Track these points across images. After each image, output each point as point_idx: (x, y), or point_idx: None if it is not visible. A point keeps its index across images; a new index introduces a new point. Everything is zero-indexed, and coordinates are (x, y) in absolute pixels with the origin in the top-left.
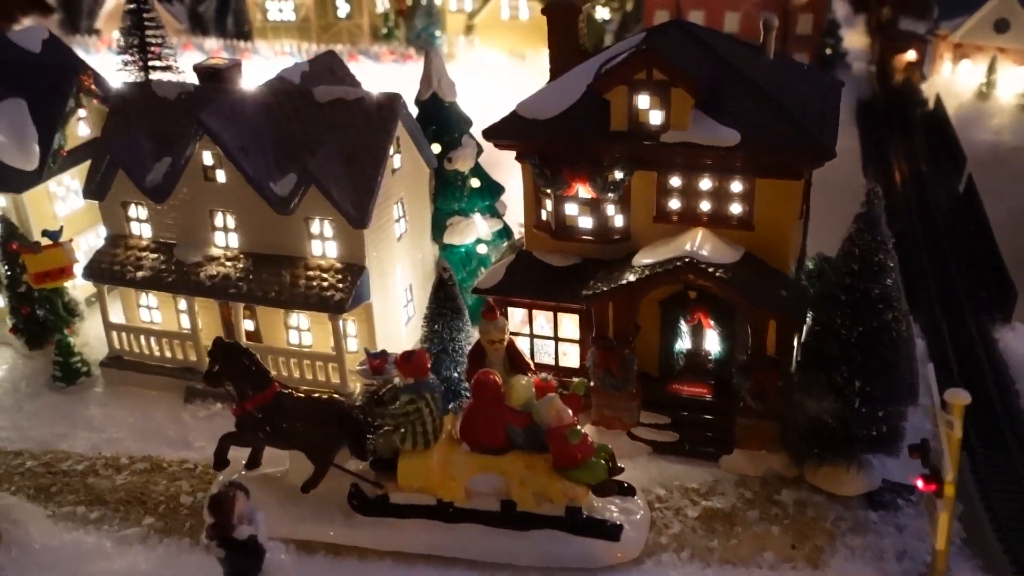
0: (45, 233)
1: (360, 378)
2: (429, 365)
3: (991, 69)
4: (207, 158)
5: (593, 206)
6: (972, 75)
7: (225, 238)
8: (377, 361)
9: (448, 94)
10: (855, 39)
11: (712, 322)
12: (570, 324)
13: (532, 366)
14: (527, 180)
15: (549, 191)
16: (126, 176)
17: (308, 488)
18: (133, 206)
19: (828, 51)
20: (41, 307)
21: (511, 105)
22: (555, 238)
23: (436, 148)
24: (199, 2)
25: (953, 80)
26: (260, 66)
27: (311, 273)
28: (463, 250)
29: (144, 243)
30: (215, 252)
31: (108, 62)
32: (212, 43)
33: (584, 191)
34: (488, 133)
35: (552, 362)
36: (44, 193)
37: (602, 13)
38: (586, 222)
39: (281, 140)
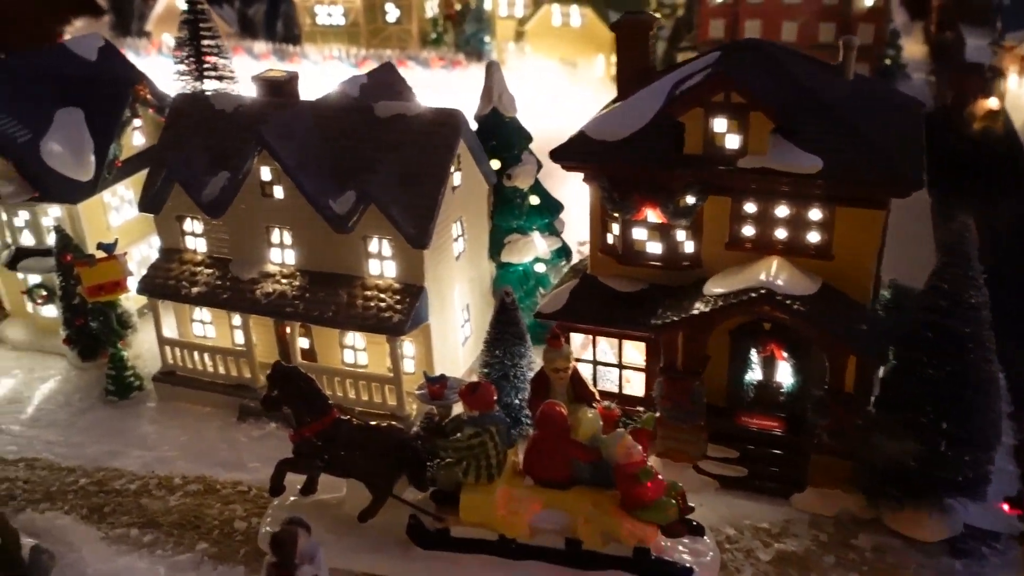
0: (100, 246)
1: (419, 403)
2: (495, 398)
3: None
4: (265, 173)
5: (663, 231)
6: None
7: (281, 255)
8: (436, 386)
9: (509, 109)
10: (913, 48)
11: (785, 354)
12: (634, 351)
13: (597, 395)
14: (594, 202)
15: (617, 215)
16: (182, 190)
17: (365, 518)
18: (188, 220)
19: (888, 61)
20: (95, 319)
21: (562, 114)
22: (621, 263)
23: (495, 164)
24: (249, 5)
25: (1019, 93)
26: (309, 70)
27: (368, 293)
28: (521, 269)
29: (199, 258)
30: (271, 269)
31: (158, 65)
32: (261, 47)
33: (654, 216)
34: (556, 155)
35: (615, 390)
36: (99, 204)
37: None
38: (655, 247)
39: (340, 156)
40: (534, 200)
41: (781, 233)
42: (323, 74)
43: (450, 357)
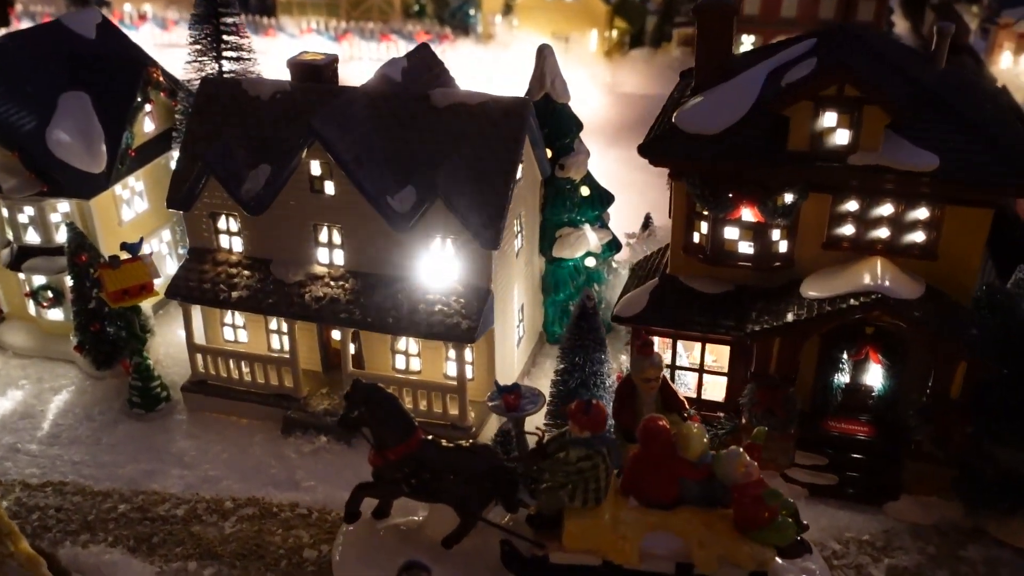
0: (124, 246)
1: (494, 415)
2: (609, 418)
3: None
4: (315, 168)
5: (757, 230)
6: None
7: (329, 255)
8: (512, 396)
9: (562, 95)
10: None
11: (881, 357)
12: (715, 354)
13: (686, 404)
14: (679, 199)
15: (709, 213)
16: (219, 185)
17: (451, 544)
18: (223, 217)
19: None
20: (112, 324)
21: None
22: (708, 263)
23: (547, 153)
24: None
25: (1014, 71)
26: (286, 44)
27: (431, 297)
28: (571, 264)
29: (235, 258)
30: (318, 270)
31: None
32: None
33: (750, 215)
34: (644, 149)
35: (692, 395)
36: (110, 197)
37: None
38: (746, 247)
39: (396, 148)
40: (584, 191)
41: (883, 232)
42: (302, 48)
43: (507, 361)
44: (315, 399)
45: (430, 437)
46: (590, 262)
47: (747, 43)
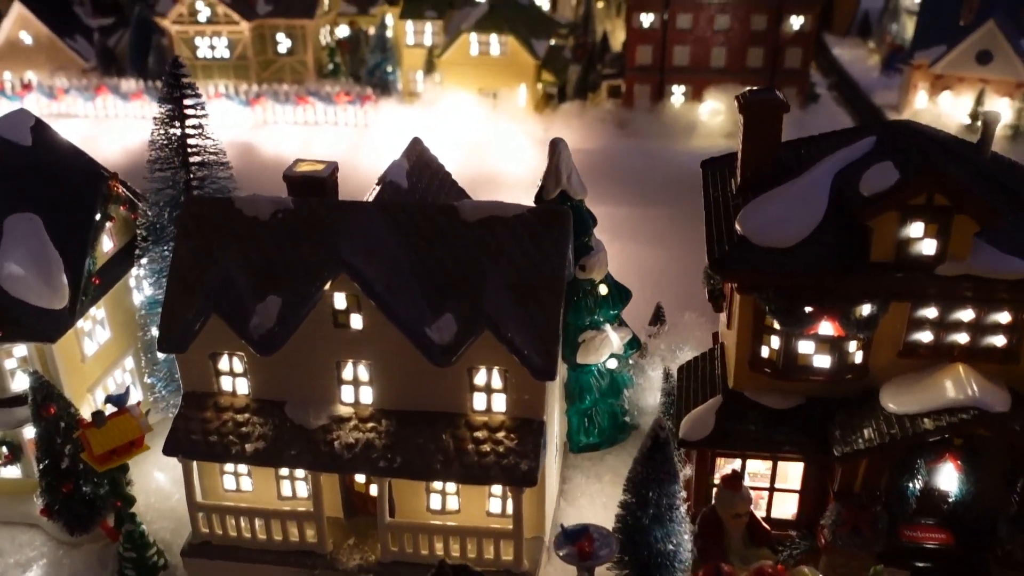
0: (109, 399)
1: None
2: None
3: (979, 100)
4: (339, 300)
5: (833, 343)
6: (954, 106)
7: (355, 393)
8: (583, 542)
9: (579, 191)
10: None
11: (962, 463)
12: (786, 470)
13: (772, 537)
14: (744, 313)
15: (785, 329)
16: (221, 322)
17: None
18: (225, 357)
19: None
20: (88, 483)
21: (489, 151)
22: (779, 378)
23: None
24: (108, 36)
25: (932, 111)
26: None
27: (479, 435)
28: (594, 368)
29: (240, 402)
30: (343, 411)
31: (4, 110)
32: (130, 85)
33: (829, 328)
34: (717, 266)
35: (761, 513)
36: (71, 333)
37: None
38: (822, 360)
39: (427, 270)
40: (602, 290)
41: (961, 337)
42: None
43: (549, 489)
44: (344, 553)
45: None
46: (612, 363)
47: (677, 92)
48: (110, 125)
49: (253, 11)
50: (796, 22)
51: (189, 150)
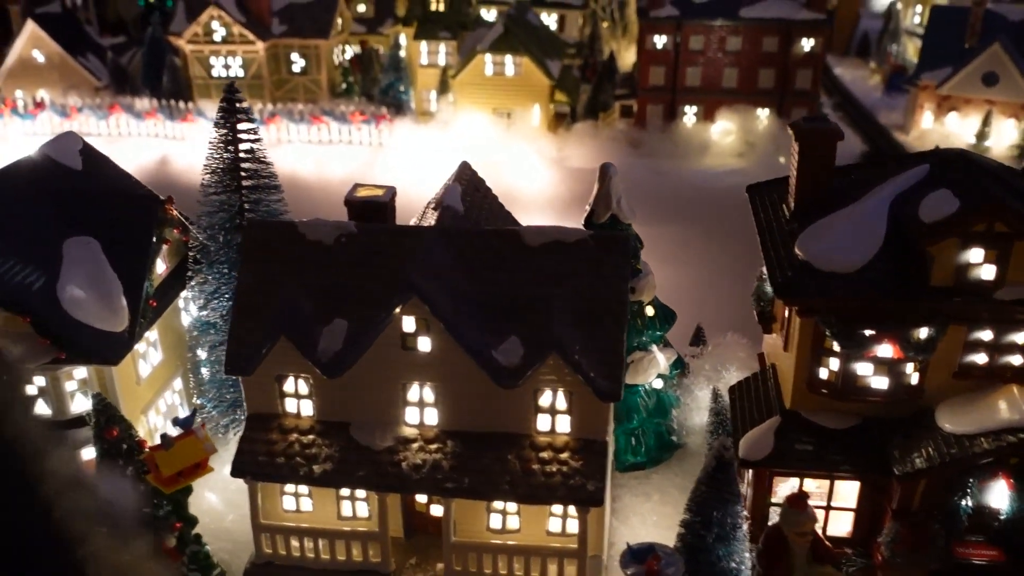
0: (176, 422)
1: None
2: None
3: (986, 121)
4: (408, 324)
5: (890, 365)
6: (961, 127)
7: (420, 415)
8: (651, 561)
9: (628, 215)
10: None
11: (1014, 482)
12: (838, 489)
13: (835, 555)
14: (804, 335)
15: (846, 351)
16: (288, 345)
17: None
18: (291, 379)
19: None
20: (158, 508)
21: (504, 171)
22: (836, 398)
23: None
24: (120, 54)
25: (939, 131)
26: (205, 130)
27: (544, 455)
28: (641, 388)
29: (305, 424)
30: (408, 432)
31: (16, 128)
32: (144, 104)
33: (888, 351)
34: (781, 290)
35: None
36: (129, 356)
37: None
38: (879, 382)
39: (491, 294)
40: (649, 311)
41: (1016, 359)
42: None
43: (605, 508)
44: (407, 572)
45: None
46: (658, 383)
47: (689, 113)
48: (123, 144)
49: (268, 31)
50: (806, 44)
51: (242, 174)
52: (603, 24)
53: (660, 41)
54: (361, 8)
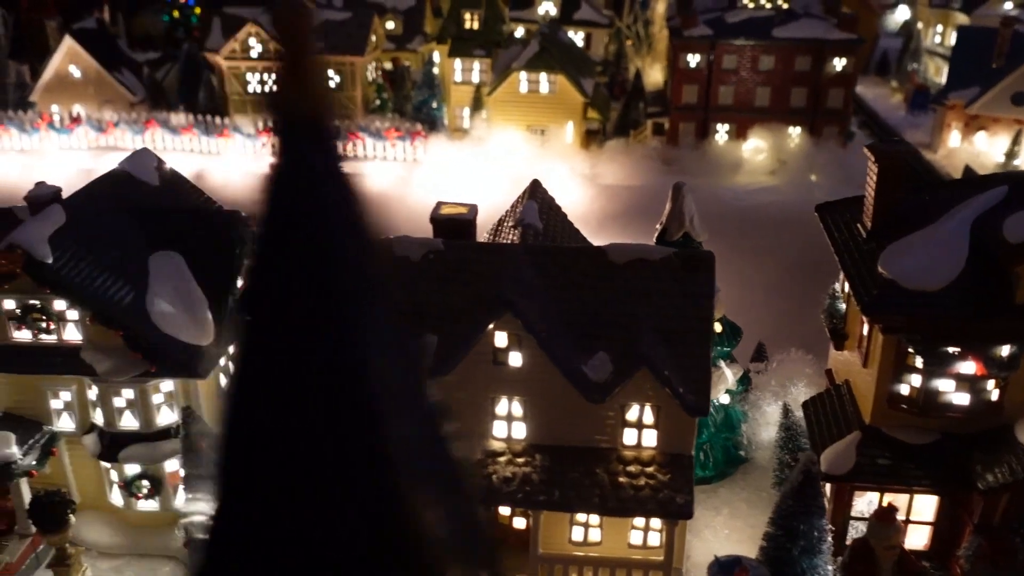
0: None
1: None
2: None
3: (1016, 140)
4: (500, 339)
5: (972, 382)
6: (991, 145)
7: (508, 428)
8: (739, 572)
9: (700, 233)
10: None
11: None
12: (916, 503)
13: (921, 568)
14: (886, 352)
15: (929, 368)
16: None
17: None
18: None
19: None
20: None
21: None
22: (917, 414)
23: None
24: (156, 69)
25: (968, 150)
26: (244, 146)
27: (632, 469)
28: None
29: None
30: (496, 446)
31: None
32: (180, 119)
33: (971, 368)
34: (870, 310)
35: None
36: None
37: None
38: (961, 398)
39: (577, 310)
40: (718, 327)
41: None
42: (260, 150)
43: None
44: None
45: None
46: (725, 399)
47: (721, 131)
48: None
49: None
50: (838, 63)
51: None
52: (627, 42)
53: (693, 60)
54: (390, 25)
